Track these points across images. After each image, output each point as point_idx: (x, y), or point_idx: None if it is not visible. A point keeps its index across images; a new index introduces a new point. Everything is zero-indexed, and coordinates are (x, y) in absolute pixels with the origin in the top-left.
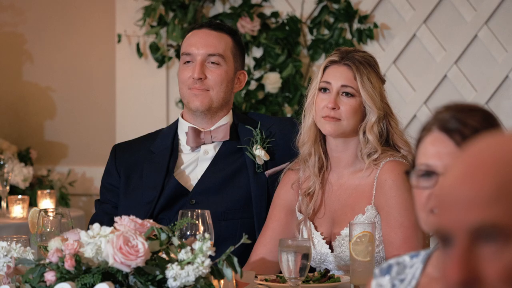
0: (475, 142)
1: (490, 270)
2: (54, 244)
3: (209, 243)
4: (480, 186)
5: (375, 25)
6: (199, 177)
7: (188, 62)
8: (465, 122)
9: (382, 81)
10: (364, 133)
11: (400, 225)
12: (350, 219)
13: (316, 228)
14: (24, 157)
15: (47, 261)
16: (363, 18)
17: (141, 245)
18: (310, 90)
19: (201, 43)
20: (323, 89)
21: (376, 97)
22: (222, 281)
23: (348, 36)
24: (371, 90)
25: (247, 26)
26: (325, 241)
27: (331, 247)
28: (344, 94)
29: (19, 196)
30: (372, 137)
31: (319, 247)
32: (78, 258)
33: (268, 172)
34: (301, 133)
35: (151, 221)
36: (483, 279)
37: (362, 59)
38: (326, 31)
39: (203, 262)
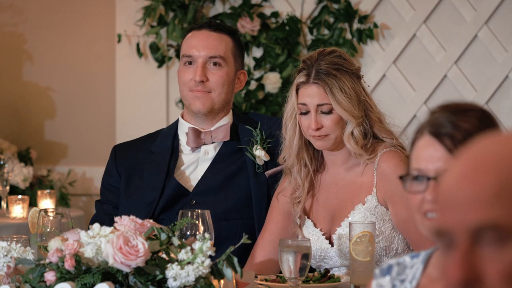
0: (476, 142)
1: (491, 270)
2: (54, 244)
3: (209, 243)
4: (480, 186)
5: (375, 25)
6: (199, 178)
7: (189, 63)
8: (458, 125)
9: (357, 73)
10: None
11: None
12: (350, 210)
13: (315, 225)
14: (24, 157)
15: (47, 261)
16: (363, 18)
17: (141, 245)
18: (288, 111)
19: (201, 45)
20: (303, 110)
21: (351, 106)
22: (222, 281)
23: (348, 36)
24: (344, 102)
25: (247, 26)
26: (324, 236)
27: (331, 243)
28: (321, 112)
29: (19, 196)
30: (350, 145)
31: (319, 243)
32: (78, 258)
33: (268, 173)
34: (281, 149)
35: (151, 221)
36: (483, 279)
37: (329, 67)
38: (326, 31)
39: (203, 262)
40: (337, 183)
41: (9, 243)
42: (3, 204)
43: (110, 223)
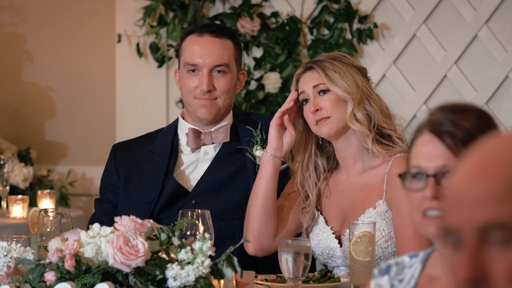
0: (483, 142)
1: (498, 269)
2: (54, 244)
3: (209, 243)
4: (488, 185)
5: (375, 25)
6: (199, 178)
7: (192, 71)
8: (458, 123)
9: (360, 70)
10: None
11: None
12: (361, 213)
13: (326, 222)
14: (24, 157)
15: (47, 261)
16: (363, 18)
17: (141, 245)
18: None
19: (206, 54)
20: (304, 100)
21: (346, 85)
22: (222, 281)
23: (348, 36)
24: (338, 81)
25: (247, 26)
26: (334, 235)
27: (340, 243)
28: (320, 93)
29: (19, 196)
30: (354, 125)
31: (329, 241)
32: (78, 258)
33: None
34: (292, 151)
35: (151, 221)
36: (491, 278)
37: (325, 58)
38: (326, 31)
39: (203, 262)
40: (350, 184)
41: (9, 243)
42: (3, 204)
43: (109, 222)
